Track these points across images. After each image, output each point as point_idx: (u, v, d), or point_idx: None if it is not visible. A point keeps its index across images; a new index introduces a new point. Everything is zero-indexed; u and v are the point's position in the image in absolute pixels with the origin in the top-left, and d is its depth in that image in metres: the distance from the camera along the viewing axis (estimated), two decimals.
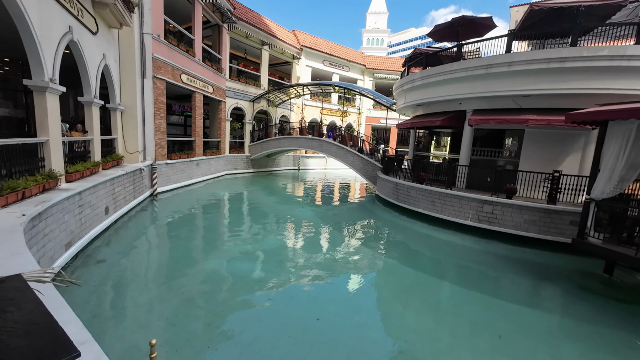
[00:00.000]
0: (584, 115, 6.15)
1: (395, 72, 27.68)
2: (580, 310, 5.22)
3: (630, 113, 5.33)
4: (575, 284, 6.23)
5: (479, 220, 8.88)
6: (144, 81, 10.73)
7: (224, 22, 16.62)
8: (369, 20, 75.24)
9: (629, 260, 5.45)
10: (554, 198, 7.96)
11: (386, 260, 7.10)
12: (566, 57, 7.87)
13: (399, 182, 11.48)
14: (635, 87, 7.72)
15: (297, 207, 12.28)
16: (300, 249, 7.42)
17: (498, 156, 10.70)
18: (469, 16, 10.78)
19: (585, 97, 8.11)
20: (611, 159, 5.97)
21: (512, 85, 8.81)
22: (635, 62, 7.46)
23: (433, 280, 6.15)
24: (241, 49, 21.18)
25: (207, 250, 6.99)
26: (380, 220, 10.85)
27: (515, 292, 5.89)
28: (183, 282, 5.25)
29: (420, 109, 13.01)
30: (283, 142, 19.13)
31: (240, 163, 19.90)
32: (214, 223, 9.48)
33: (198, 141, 14.77)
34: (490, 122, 9.39)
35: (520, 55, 8.58)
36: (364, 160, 15.69)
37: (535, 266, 7.03)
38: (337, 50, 26.78)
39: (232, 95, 18.54)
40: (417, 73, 11.59)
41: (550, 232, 7.89)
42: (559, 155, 9.62)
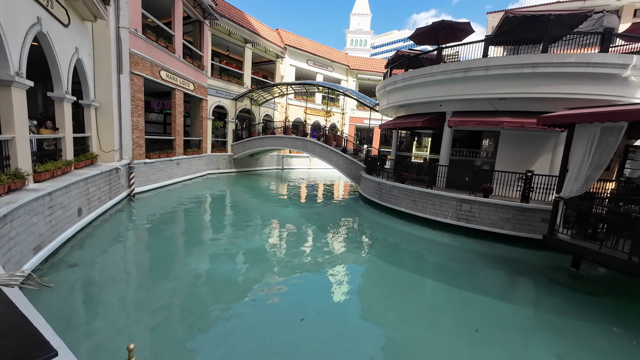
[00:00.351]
0: (554, 118, 6.51)
1: (378, 73, 28.09)
2: (551, 302, 5.52)
3: (594, 117, 5.70)
4: (546, 278, 6.58)
5: (458, 219, 9.18)
6: (120, 77, 10.31)
7: (205, 18, 16.25)
8: (352, 22, 75.88)
9: (593, 254, 5.82)
10: (526, 197, 8.37)
11: (369, 259, 7.20)
12: (537, 62, 8.30)
13: (382, 181, 11.67)
14: (599, 92, 8.26)
15: (281, 207, 12.21)
16: (283, 249, 7.39)
17: (476, 156, 11.11)
18: (449, 21, 11.12)
19: (555, 101, 8.58)
20: (578, 159, 6.36)
21: (488, 89, 9.17)
22: (600, 69, 7.98)
23: (414, 277, 6.30)
24: (223, 47, 20.79)
25: (188, 252, 6.82)
26: (364, 219, 10.99)
27: (492, 287, 6.15)
28: (163, 285, 5.10)
29: (403, 110, 13.28)
30: (267, 142, 18.95)
31: (223, 162, 19.54)
32: (196, 224, 9.26)
33: (178, 140, 14.37)
34: (468, 124, 9.74)
35: (496, 60, 8.96)
36: (347, 160, 15.83)
37: (509, 262, 7.37)
38: (321, 50, 26.84)
39: (214, 94, 18.16)
40: (399, 75, 11.83)
41: (523, 229, 8.29)
42: (532, 155, 10.12)
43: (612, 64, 7.91)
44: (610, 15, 11.01)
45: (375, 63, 30.25)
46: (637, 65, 7.87)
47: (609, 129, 5.91)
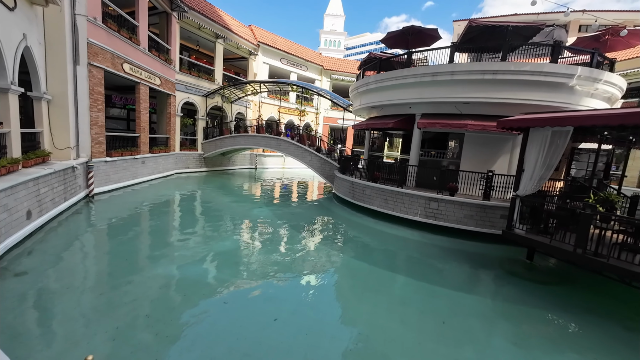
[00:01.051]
0: (511, 122, 7.03)
1: (351, 74, 28.53)
2: (509, 293, 5.97)
3: (545, 122, 6.23)
4: (504, 270, 7.10)
5: (427, 216, 9.61)
6: (77, 68, 9.54)
7: (173, 10, 15.51)
8: (326, 22, 76.32)
9: (545, 247, 6.37)
10: (488, 195, 8.95)
11: (342, 257, 7.31)
12: (497, 70, 8.91)
13: (355, 181, 11.89)
14: (550, 99, 9.04)
15: (254, 206, 12.00)
16: (256, 250, 7.28)
17: (443, 157, 11.68)
18: (418, 26, 11.57)
19: (513, 106, 9.26)
20: (532, 160, 6.92)
21: (454, 93, 9.69)
22: (550, 77, 8.74)
23: (385, 273, 6.49)
24: (193, 41, 19.97)
25: (153, 256, 6.48)
26: (337, 218, 11.12)
27: (457, 280, 6.51)
28: (126, 291, 4.81)
29: (375, 111, 13.61)
30: (239, 140, 18.51)
31: (193, 161, 18.79)
32: (162, 226, 8.82)
33: (143, 137, 13.59)
34: (436, 126, 10.21)
35: (461, 66, 9.48)
36: (321, 159, 15.92)
37: (473, 256, 7.84)
38: (295, 49, 26.71)
39: (182, 89, 17.40)
40: (372, 77, 12.11)
41: (485, 225, 8.86)
42: (493, 156, 10.83)
43: (561, 74, 8.70)
44: (559, 29, 12.07)
45: (348, 64, 30.69)
46: (581, 76, 8.72)
47: (558, 132, 6.49)
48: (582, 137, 8.84)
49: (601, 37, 10.92)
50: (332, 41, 74.42)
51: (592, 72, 8.84)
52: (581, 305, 5.55)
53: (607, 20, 25.29)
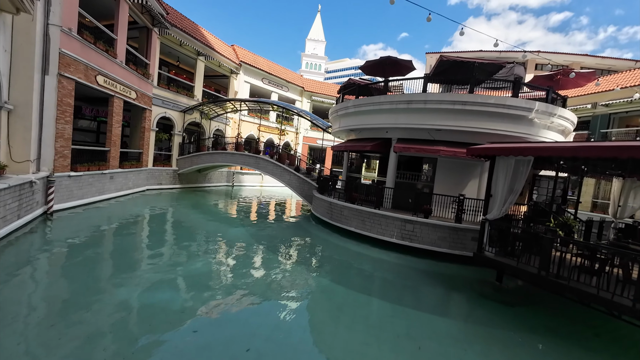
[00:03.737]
0: (479, 150, 7.51)
1: (331, 97, 29.43)
2: (480, 315, 6.11)
3: (509, 151, 6.72)
4: (476, 292, 7.29)
5: (402, 238, 9.78)
6: (45, 78, 9.10)
7: (154, 26, 15.45)
8: (308, 46, 79.11)
9: (512, 269, 6.67)
10: (459, 218, 9.33)
11: (319, 279, 7.19)
12: (466, 101, 9.59)
13: (333, 201, 11.96)
14: (513, 129, 9.81)
15: (229, 226, 11.64)
16: (230, 272, 6.99)
17: (418, 180, 12.13)
18: (394, 57, 12.32)
19: (481, 135, 9.92)
20: (499, 185, 7.37)
21: (427, 120, 10.25)
22: (512, 110, 9.53)
23: (362, 296, 6.44)
24: (173, 56, 19.86)
25: (117, 279, 6.02)
26: (315, 239, 11.02)
27: (431, 303, 6.58)
28: (82, 321, 4.39)
29: (353, 133, 14.02)
30: (217, 157, 18.18)
31: (166, 177, 18.09)
32: (127, 246, 8.27)
33: (114, 151, 12.97)
34: (411, 150, 10.67)
35: (433, 95, 10.12)
36: (300, 179, 15.94)
37: (446, 278, 8.01)
38: (276, 70, 27.29)
39: (159, 104, 17.03)
40: (351, 101, 12.57)
41: (457, 247, 9.16)
42: (463, 180, 11.41)
43: (521, 107, 9.53)
44: (518, 66, 13.35)
45: (328, 87, 31.72)
46: (538, 110, 9.60)
47: (521, 161, 7.01)
48: (541, 165, 9.60)
49: (554, 76, 12.19)
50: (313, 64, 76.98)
51: (548, 107, 9.77)
52: (546, 325, 5.78)
53: (558, 62, 28.35)
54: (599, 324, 5.98)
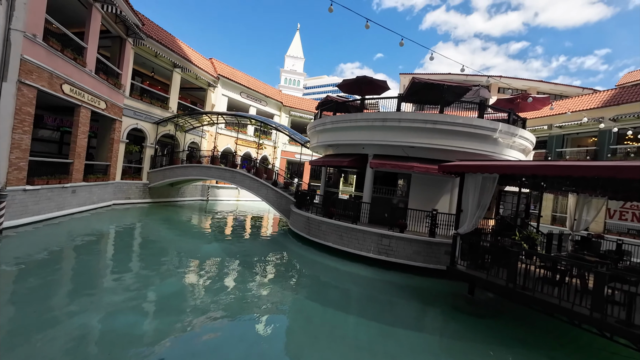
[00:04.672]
0: (449, 167, 7.88)
1: (309, 112, 29.88)
2: (454, 328, 6.23)
3: (477, 168, 7.11)
4: (449, 305, 7.45)
5: (379, 253, 9.87)
6: (2, 85, 8.49)
7: (128, 36, 15.07)
8: (287, 62, 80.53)
9: (483, 282, 6.92)
10: (433, 232, 9.62)
11: (295, 297, 7.03)
12: (437, 120, 10.12)
13: (311, 216, 11.91)
14: (480, 148, 10.43)
15: (203, 242, 11.18)
16: (202, 292, 6.65)
17: (393, 195, 12.43)
18: (370, 77, 12.84)
19: (451, 152, 10.45)
20: (469, 201, 7.73)
21: (401, 137, 10.66)
22: (479, 130, 10.17)
23: (339, 314, 6.36)
24: (148, 67, 19.38)
25: (74, 304, 5.51)
26: (292, 255, 10.84)
27: (407, 318, 6.63)
28: (30, 354, 3.94)
29: (331, 149, 14.23)
30: (191, 171, 17.62)
31: (135, 191, 17.19)
32: (89, 266, 7.65)
33: (78, 164, 12.19)
34: (386, 166, 10.97)
35: (407, 114, 10.59)
36: (277, 193, 15.78)
37: (421, 292, 8.14)
38: (255, 84, 27.41)
39: (131, 115, 16.39)
40: (329, 117, 12.83)
41: (431, 261, 9.39)
42: (436, 195, 11.85)
43: (486, 128, 10.20)
44: (483, 89, 14.38)
45: (307, 102, 32.23)
46: (502, 130, 10.31)
47: (488, 178, 7.43)
48: (506, 182, 10.22)
49: (515, 99, 13.24)
50: (292, 80, 78.26)
51: (510, 127, 10.54)
52: (515, 337, 5.99)
53: (517, 87, 30.91)
54: (562, 334, 6.29)
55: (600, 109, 18.59)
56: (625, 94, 18.10)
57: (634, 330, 4.66)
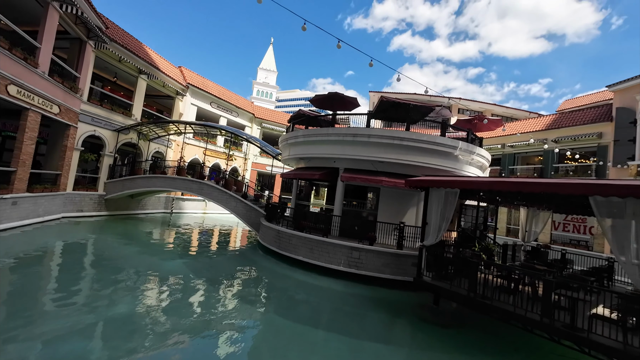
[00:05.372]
0: (415, 182, 8.28)
1: (281, 125, 29.93)
2: (421, 339, 6.39)
3: (440, 183, 7.55)
4: (416, 316, 7.65)
5: (349, 266, 9.95)
6: None
7: (90, 39, 14.26)
8: (260, 74, 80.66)
9: (447, 292, 7.22)
10: (401, 244, 9.92)
11: (264, 313, 6.81)
12: (403, 137, 10.66)
13: (282, 229, 11.75)
14: (444, 164, 11.10)
15: (165, 258, 10.50)
16: (162, 313, 6.20)
17: (363, 208, 12.71)
18: (341, 94, 13.27)
19: (417, 168, 11.00)
20: (433, 214, 8.13)
21: (371, 152, 11.04)
22: (441, 147, 10.85)
23: (309, 329, 6.25)
24: (110, 72, 18.36)
25: (10, 331, 4.85)
26: (261, 269, 10.55)
27: (376, 331, 6.68)
28: None
29: (303, 162, 14.31)
30: (155, 182, 16.67)
31: (89, 203, 15.83)
32: (30, 287, 6.82)
33: (21, 172, 11.01)
34: (356, 180, 11.25)
35: (376, 130, 11.04)
36: (247, 206, 15.41)
37: (390, 304, 8.28)
38: (226, 95, 27.01)
39: (88, 121, 15.30)
40: (301, 131, 12.96)
41: (399, 273, 9.63)
42: (404, 209, 12.30)
43: (448, 145, 10.92)
44: (445, 109, 15.47)
45: (279, 115, 32.32)
46: (462, 148, 11.10)
47: (450, 192, 7.91)
48: (466, 196, 10.92)
49: (472, 120, 14.38)
50: (264, 92, 78.29)
51: (469, 146, 11.39)
52: (477, 345, 6.28)
53: (474, 108, 33.62)
54: (517, 339, 6.71)
55: (544, 131, 20.79)
56: (564, 119, 20.47)
57: (577, 332, 5.11)
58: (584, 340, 5.02)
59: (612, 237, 5.33)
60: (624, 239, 5.18)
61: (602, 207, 5.29)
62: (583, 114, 19.59)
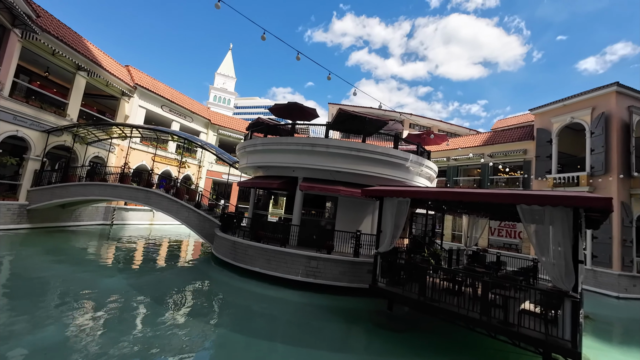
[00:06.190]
0: (370, 192, 8.65)
1: (239, 132, 29.18)
2: (377, 345, 6.56)
3: (393, 193, 7.99)
4: (372, 323, 7.86)
5: (307, 275, 9.90)
6: None
7: (15, 27, 12.56)
8: (217, 80, 78.16)
9: (399, 297, 7.57)
10: (357, 252, 10.20)
11: (217, 330, 6.43)
12: (360, 148, 11.12)
13: (238, 240, 11.31)
14: (397, 175, 11.76)
15: (102, 276, 9.39)
16: (97, 338, 5.50)
17: (322, 217, 12.84)
18: (300, 104, 13.45)
19: (373, 178, 11.49)
20: (387, 222, 8.53)
21: (329, 162, 11.29)
22: (394, 159, 11.53)
23: (265, 344, 6.05)
24: (41, 66, 16.32)
25: None
26: (215, 283, 9.99)
27: (334, 340, 6.71)
28: None
29: (261, 170, 14.05)
30: (93, 190, 14.97)
31: (6, 215, 13.62)
32: None
33: None
34: (315, 189, 11.37)
35: (334, 141, 11.35)
36: (201, 216, 14.58)
37: (347, 312, 8.40)
38: (180, 98, 25.62)
39: (10, 120, 13.33)
40: (260, 139, 12.77)
41: (356, 281, 9.85)
42: (360, 217, 12.70)
43: (400, 157, 11.64)
44: (397, 123, 16.52)
45: (237, 122, 31.49)
46: (412, 160, 11.91)
47: (402, 201, 8.40)
48: (416, 205, 11.69)
49: (422, 135, 15.57)
50: (222, 98, 75.85)
51: (419, 158, 12.27)
52: (427, 347, 6.64)
53: (423, 124, 36.39)
54: (462, 338, 7.25)
55: (481, 147, 23.31)
56: (497, 136, 23.21)
57: (509, 328, 5.72)
58: (515, 334, 5.63)
59: (535, 241, 6.13)
60: (544, 242, 5.98)
61: (526, 214, 6.06)
62: (512, 132, 22.44)
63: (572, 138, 18.75)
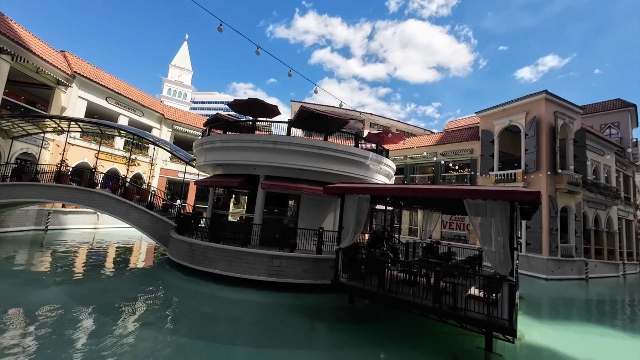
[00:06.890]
0: (332, 189, 8.80)
1: (197, 128, 27.70)
2: (339, 339, 6.72)
3: (353, 190, 8.21)
4: (334, 317, 8.03)
5: (270, 275, 9.78)
6: None
7: None
8: (171, 72, 73.40)
9: (360, 291, 7.83)
10: (320, 249, 10.31)
11: (173, 338, 6.05)
12: (321, 146, 11.23)
13: (195, 242, 10.77)
14: (357, 172, 12.09)
15: (37, 287, 8.30)
16: (31, 356, 4.85)
17: (284, 215, 12.74)
18: (261, 100, 13.15)
19: (334, 175, 11.68)
20: (349, 218, 8.75)
21: (291, 160, 11.23)
22: (355, 157, 11.84)
23: (226, 347, 5.85)
24: None
25: None
26: (170, 288, 9.41)
27: (298, 338, 6.73)
28: None
29: (220, 168, 13.51)
30: (20, 191, 13.17)
31: None
32: None
33: None
34: (277, 188, 11.24)
35: (296, 139, 11.31)
36: (153, 218, 13.61)
37: (310, 310, 8.46)
38: (128, 90, 23.53)
39: None
40: (218, 135, 12.26)
41: (318, 278, 9.97)
42: (323, 214, 12.86)
43: (361, 155, 11.99)
44: (358, 122, 17.00)
45: (194, 118, 29.85)
46: (372, 158, 12.34)
47: (363, 198, 8.67)
48: (376, 201, 12.15)
49: (381, 134, 16.21)
50: (177, 92, 71.33)
51: (378, 156, 12.75)
52: (387, 336, 6.96)
53: (383, 123, 37.86)
54: (416, 325, 7.72)
55: (434, 146, 24.97)
56: (448, 136, 25.04)
57: (457, 312, 6.23)
58: (462, 318, 6.15)
59: (479, 232, 6.74)
60: (486, 233, 6.60)
61: (472, 207, 6.63)
62: (461, 133, 24.38)
63: (511, 139, 20.95)
